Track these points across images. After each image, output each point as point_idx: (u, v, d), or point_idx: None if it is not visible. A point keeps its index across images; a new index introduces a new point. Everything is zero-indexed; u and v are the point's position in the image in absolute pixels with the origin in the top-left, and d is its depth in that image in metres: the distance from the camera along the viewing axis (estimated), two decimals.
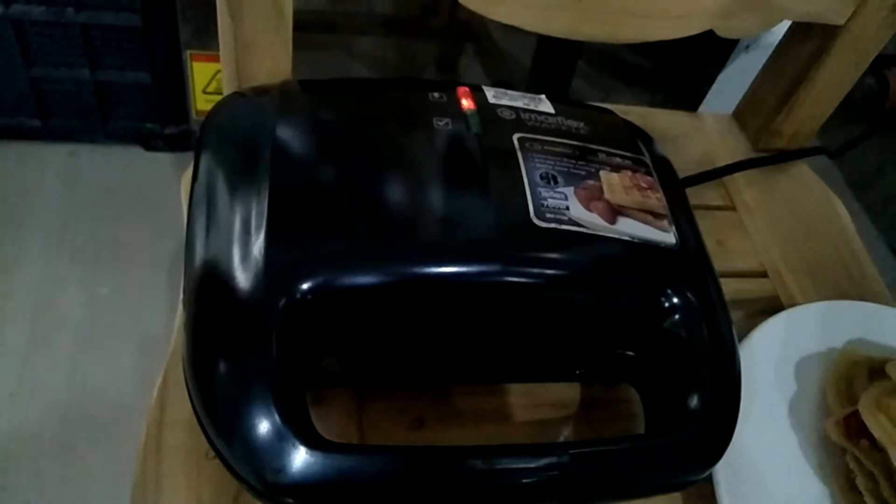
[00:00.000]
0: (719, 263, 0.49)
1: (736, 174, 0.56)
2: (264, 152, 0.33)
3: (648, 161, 0.39)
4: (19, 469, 0.90)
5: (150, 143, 1.18)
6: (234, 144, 0.35)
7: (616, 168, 0.37)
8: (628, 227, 0.34)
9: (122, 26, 1.01)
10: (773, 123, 0.57)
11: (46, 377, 0.97)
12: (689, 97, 1.09)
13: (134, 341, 1.02)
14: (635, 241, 0.34)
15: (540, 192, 0.34)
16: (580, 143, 0.38)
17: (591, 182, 0.36)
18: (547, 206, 0.34)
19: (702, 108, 0.93)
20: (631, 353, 0.36)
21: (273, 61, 0.46)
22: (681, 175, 0.52)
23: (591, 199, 0.35)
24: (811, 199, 0.57)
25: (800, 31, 0.53)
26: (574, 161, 0.36)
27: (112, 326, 1.02)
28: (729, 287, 0.48)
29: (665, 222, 0.36)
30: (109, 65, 1.06)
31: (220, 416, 0.28)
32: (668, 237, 0.35)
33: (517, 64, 1.27)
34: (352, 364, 0.35)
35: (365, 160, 0.34)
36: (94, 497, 0.89)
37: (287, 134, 0.35)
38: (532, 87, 1.16)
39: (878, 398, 0.37)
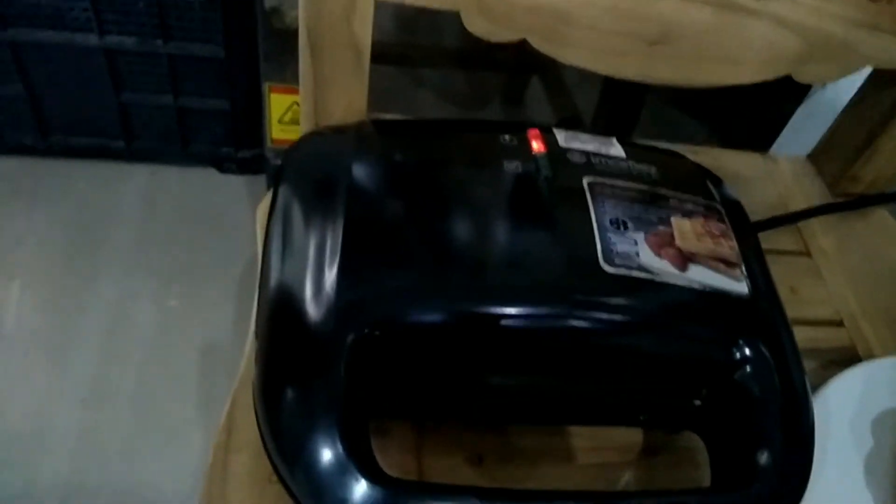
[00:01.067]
0: (792, 311, 0.48)
1: (811, 219, 0.55)
2: (340, 190, 0.35)
3: (720, 206, 0.38)
4: (88, 471, 0.94)
5: (223, 165, 1.23)
6: (312, 181, 0.37)
7: (687, 214, 0.37)
8: (699, 276, 0.34)
9: (205, 57, 1.06)
10: (851, 169, 0.55)
11: (117, 386, 1.02)
12: (761, 135, 1.06)
13: (201, 356, 1.06)
14: (706, 289, 0.34)
15: (609, 238, 0.34)
16: (651, 188, 0.38)
17: (661, 228, 0.36)
18: (616, 251, 0.34)
19: (775, 148, 0.91)
20: (698, 402, 0.35)
21: (349, 99, 0.48)
22: (752, 219, 0.51)
23: (662, 245, 0.35)
24: (891, 247, 0.55)
25: (881, 76, 0.51)
26: (645, 206, 0.36)
27: (181, 341, 1.06)
28: (802, 335, 0.46)
29: (737, 271, 0.35)
30: (191, 92, 1.12)
31: (286, 445, 0.29)
32: (741, 286, 0.35)
33: (584, 97, 1.26)
34: (415, 399, 0.35)
35: (435, 201, 0.35)
36: None
37: (362, 173, 0.36)
38: (598, 122, 1.16)
39: None
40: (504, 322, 0.32)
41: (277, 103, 0.93)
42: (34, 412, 0.98)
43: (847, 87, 0.56)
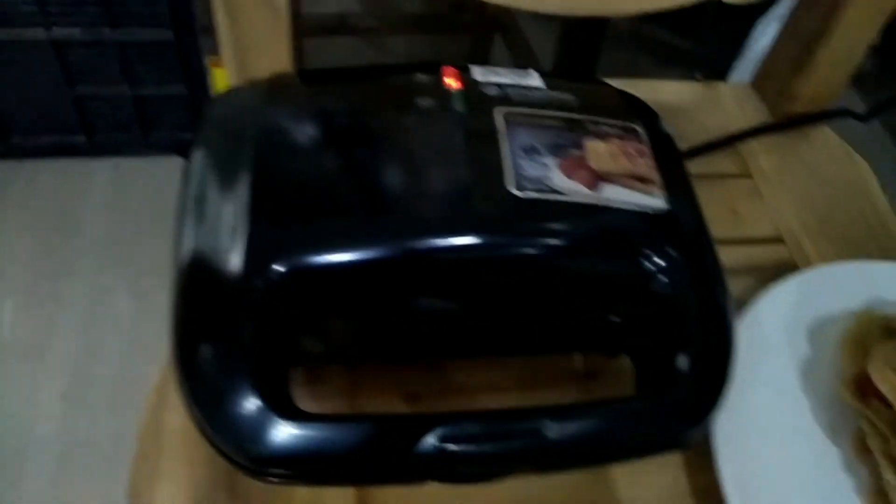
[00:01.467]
0: (731, 231, 0.49)
1: (753, 142, 0.55)
2: (250, 139, 0.34)
3: (640, 129, 0.38)
4: (74, 463, 0.95)
5: (186, 151, 1.22)
6: (224, 134, 0.36)
7: (603, 137, 0.37)
8: (612, 194, 0.34)
9: (155, 41, 1.05)
10: (790, 88, 0.55)
11: (96, 378, 1.02)
12: (724, 72, 1.06)
13: None
14: (618, 206, 0.33)
15: (520, 164, 0.34)
16: (567, 115, 0.37)
17: (575, 151, 0.35)
18: (527, 176, 0.33)
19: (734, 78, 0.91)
20: (622, 320, 0.35)
21: (273, 60, 0.47)
22: (692, 144, 0.51)
23: (574, 167, 0.35)
24: (833, 163, 0.55)
25: None
26: (559, 132, 0.36)
27: (159, 330, 1.06)
28: (741, 254, 0.47)
29: (653, 187, 0.35)
30: (146, 79, 1.11)
31: (201, 397, 0.29)
32: (656, 202, 0.35)
33: (546, 51, 1.26)
34: (341, 342, 0.35)
35: (345, 143, 0.35)
36: None
37: (272, 121, 0.36)
38: (558, 73, 1.15)
39: (888, 356, 0.36)
40: (416, 255, 0.31)
41: (221, 77, 0.92)
42: (15, 411, 0.99)
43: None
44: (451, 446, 0.28)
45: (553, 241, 0.32)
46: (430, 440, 0.29)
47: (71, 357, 1.05)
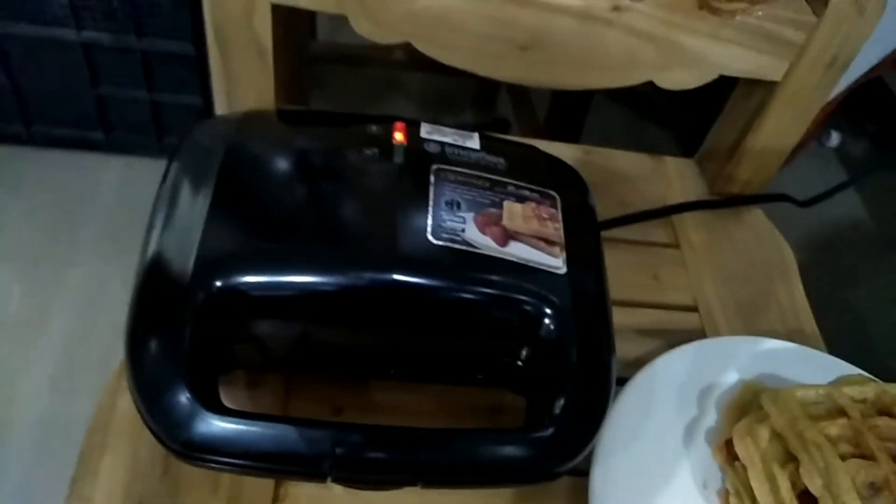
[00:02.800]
0: (650, 295, 0.54)
1: (687, 215, 0.60)
2: (213, 168, 0.40)
3: (555, 195, 0.44)
4: (52, 443, 1.00)
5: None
6: (193, 160, 0.42)
7: (521, 199, 0.42)
8: (518, 251, 0.39)
9: (177, 54, 1.12)
10: (726, 169, 0.60)
11: (83, 362, 1.07)
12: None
13: None
14: (518, 261, 0.39)
15: (441, 216, 0.39)
16: (492, 176, 0.43)
17: (492, 210, 0.41)
18: (444, 227, 0.39)
19: None
20: (517, 360, 0.40)
21: (257, 92, 0.54)
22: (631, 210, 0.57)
23: (488, 224, 0.40)
24: (759, 245, 0.60)
25: (745, 84, 0.56)
26: (481, 191, 0.42)
27: None
28: (655, 317, 0.52)
29: (556, 249, 0.40)
30: (165, 87, 1.18)
31: (142, 386, 0.35)
32: (556, 262, 0.40)
33: (545, 97, 1.32)
34: (275, 354, 0.40)
35: (296, 178, 0.41)
36: None
37: (235, 154, 0.41)
38: (550, 122, 1.21)
39: (750, 425, 0.41)
40: (338, 285, 0.37)
41: None
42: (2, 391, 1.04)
43: None
44: (340, 450, 0.34)
45: (456, 285, 0.38)
46: (325, 444, 0.34)
47: (62, 340, 1.10)
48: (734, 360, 0.48)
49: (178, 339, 0.35)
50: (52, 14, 1.07)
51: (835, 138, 1.63)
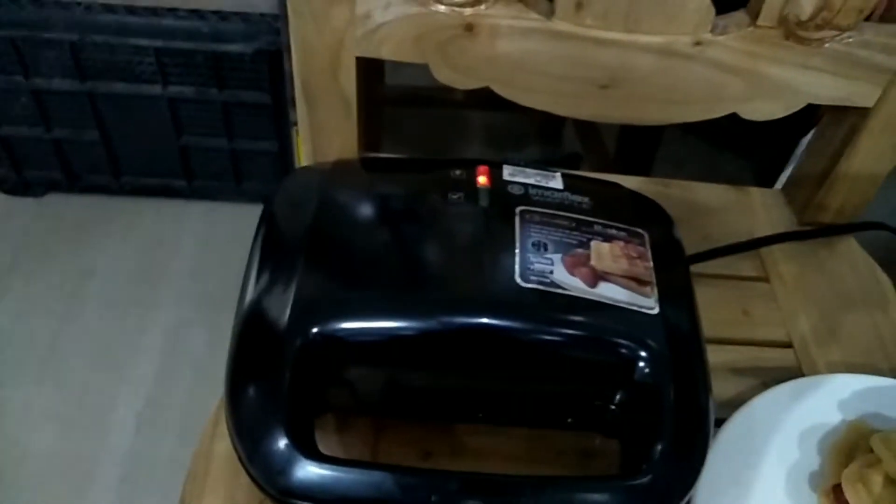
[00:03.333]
0: (741, 332, 0.52)
1: (775, 248, 0.58)
2: (307, 217, 0.42)
3: (645, 233, 0.43)
4: (138, 477, 1.03)
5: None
6: (287, 210, 0.44)
7: (608, 238, 0.42)
8: (608, 291, 0.39)
9: (255, 103, 1.17)
10: (816, 198, 0.58)
11: (168, 403, 1.11)
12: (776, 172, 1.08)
13: None
14: (610, 302, 0.38)
15: (528, 258, 0.39)
16: (578, 216, 0.43)
17: (580, 250, 0.41)
18: (532, 269, 0.39)
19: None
20: (610, 404, 0.39)
21: (342, 141, 0.55)
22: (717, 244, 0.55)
23: (577, 265, 0.40)
24: (854, 275, 0.57)
25: (834, 111, 0.55)
26: (568, 231, 0.42)
27: None
28: (748, 355, 0.50)
29: (648, 289, 0.40)
30: (243, 135, 1.23)
31: (242, 431, 0.36)
32: (648, 301, 0.39)
33: (612, 133, 1.31)
34: (366, 398, 0.41)
35: (384, 229, 0.42)
36: None
37: (327, 203, 0.43)
38: (619, 159, 1.20)
39: (861, 470, 0.38)
40: (429, 331, 0.37)
41: (300, 143, 1.03)
42: (90, 422, 1.09)
43: None
44: (436, 497, 0.34)
45: (547, 327, 0.38)
46: (421, 491, 0.34)
47: (147, 380, 1.15)
48: (835, 399, 0.46)
49: (276, 384, 0.36)
50: (141, 71, 1.14)
51: None
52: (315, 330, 0.36)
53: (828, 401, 0.46)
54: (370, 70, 0.60)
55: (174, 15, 1.09)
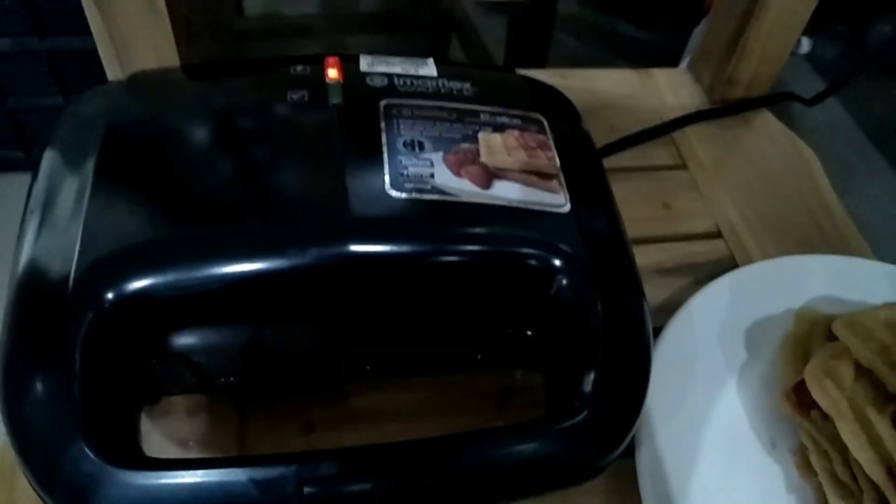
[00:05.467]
0: (665, 226, 0.45)
1: (689, 130, 0.51)
2: (93, 147, 0.30)
3: (542, 118, 0.34)
4: None
5: None
6: (68, 143, 0.32)
7: (500, 128, 0.33)
8: (506, 191, 0.30)
9: (88, 49, 1.00)
10: (726, 71, 0.51)
11: None
12: (673, 61, 1.02)
13: None
14: (512, 205, 0.30)
15: (400, 161, 0.30)
16: (459, 105, 0.34)
17: (465, 146, 0.32)
18: (407, 175, 0.30)
19: None
20: (526, 332, 0.31)
21: (156, 54, 0.43)
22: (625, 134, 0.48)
23: (463, 163, 0.31)
24: (776, 151, 0.51)
25: None
26: (448, 124, 0.32)
27: None
28: (675, 251, 0.44)
29: (554, 183, 0.32)
30: (81, 89, 1.06)
31: (25, 446, 0.25)
32: (556, 198, 0.31)
33: (499, 46, 1.22)
34: (210, 371, 0.31)
35: (202, 145, 0.31)
36: None
37: (120, 125, 0.32)
38: (511, 53, 1.11)
39: (826, 362, 0.32)
40: (280, 268, 0.28)
41: None
42: None
43: None
44: (309, 489, 0.25)
45: (436, 247, 0.29)
46: (288, 484, 0.25)
47: None
48: (779, 287, 0.40)
49: (63, 372, 0.25)
50: None
51: (805, 44, 1.55)
52: (110, 294, 0.26)
53: (771, 291, 0.40)
54: None
55: None
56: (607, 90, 0.54)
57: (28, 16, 0.95)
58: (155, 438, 0.33)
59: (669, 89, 0.55)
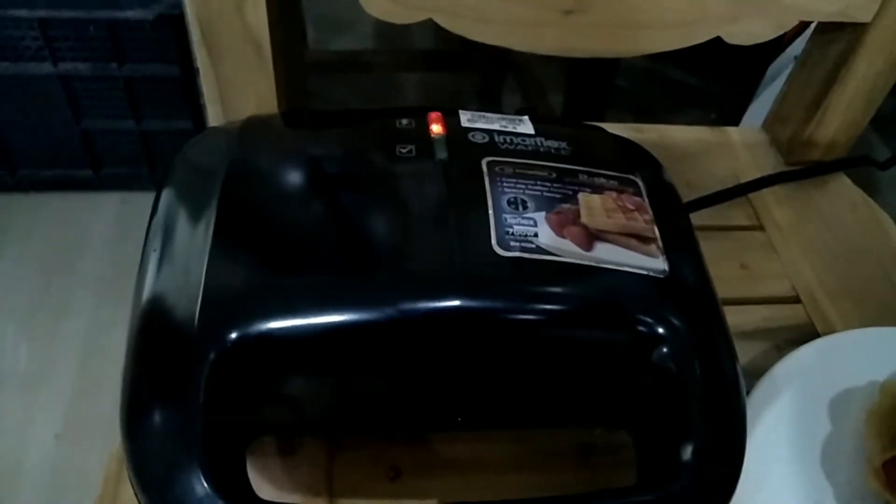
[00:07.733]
0: (743, 289, 0.45)
1: (765, 192, 0.51)
2: (214, 190, 0.32)
3: (637, 180, 0.35)
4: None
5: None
6: (189, 183, 0.34)
7: (598, 189, 0.34)
8: (607, 254, 0.31)
9: (162, 77, 1.04)
10: (804, 134, 0.52)
11: (91, 418, 0.99)
12: (739, 114, 1.03)
13: None
14: (614, 267, 0.30)
15: (505, 220, 0.31)
16: (558, 165, 0.35)
17: (566, 206, 0.33)
18: (512, 233, 0.31)
19: (743, 124, 0.88)
20: (620, 394, 0.32)
21: (257, 98, 0.46)
22: (701, 194, 0.48)
23: (565, 224, 0.32)
24: (852, 215, 0.51)
25: (825, 31, 0.48)
26: (549, 184, 0.33)
27: None
28: (754, 315, 0.44)
29: (652, 247, 0.32)
30: (153, 114, 1.10)
31: (145, 478, 0.26)
32: (655, 262, 0.32)
33: (557, 91, 1.24)
34: (313, 414, 0.32)
35: (316, 195, 0.32)
36: None
37: (239, 170, 0.33)
38: (567, 113, 1.13)
39: None
40: (391, 323, 0.29)
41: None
42: (8, 449, 0.96)
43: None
44: None
45: (540, 306, 0.29)
46: None
47: (65, 393, 1.02)
48: (862, 357, 0.40)
49: (187, 411, 0.27)
50: (25, 48, 1.00)
51: None
52: (233, 335, 0.27)
53: (855, 362, 0.39)
54: (287, 16, 0.50)
55: None
56: (682, 147, 0.54)
57: (109, 43, 0.99)
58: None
59: (745, 148, 0.55)
